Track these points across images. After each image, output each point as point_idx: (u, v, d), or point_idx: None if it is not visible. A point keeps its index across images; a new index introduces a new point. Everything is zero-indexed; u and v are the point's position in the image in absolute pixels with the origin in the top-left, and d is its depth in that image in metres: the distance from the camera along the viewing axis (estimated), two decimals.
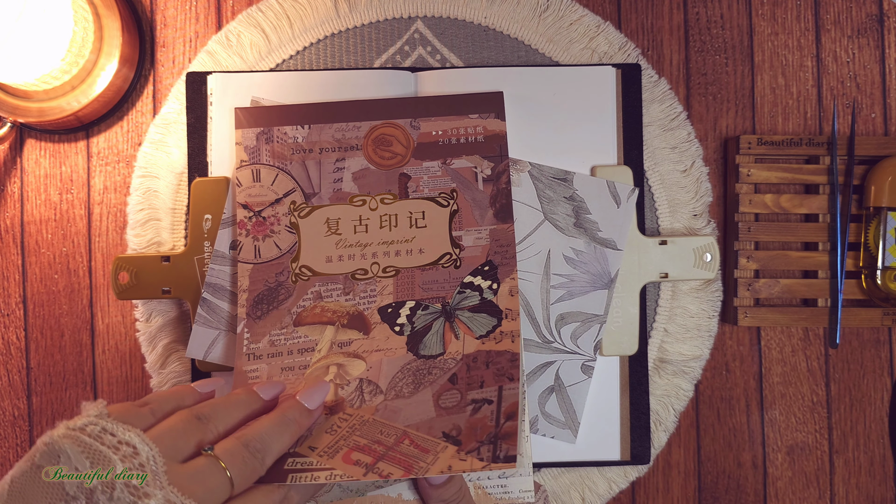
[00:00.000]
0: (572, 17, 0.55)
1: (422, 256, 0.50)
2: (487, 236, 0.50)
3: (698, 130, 0.56)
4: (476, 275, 0.49)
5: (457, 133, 0.51)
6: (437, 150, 0.51)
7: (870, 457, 0.56)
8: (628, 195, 0.52)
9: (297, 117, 0.51)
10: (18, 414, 0.54)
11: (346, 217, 0.50)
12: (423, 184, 0.50)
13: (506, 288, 0.49)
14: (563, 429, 0.52)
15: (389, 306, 0.49)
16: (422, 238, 0.50)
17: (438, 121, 0.51)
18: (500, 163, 0.51)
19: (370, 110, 0.51)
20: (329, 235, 0.50)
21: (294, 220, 0.50)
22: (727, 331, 0.56)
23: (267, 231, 0.50)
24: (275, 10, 0.54)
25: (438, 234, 0.50)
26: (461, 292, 0.49)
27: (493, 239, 0.50)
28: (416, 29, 0.55)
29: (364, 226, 0.50)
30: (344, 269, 0.50)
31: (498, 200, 0.50)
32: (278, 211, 0.50)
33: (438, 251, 0.50)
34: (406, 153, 0.51)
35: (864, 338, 0.56)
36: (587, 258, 0.52)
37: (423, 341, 0.48)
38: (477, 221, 0.50)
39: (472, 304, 0.49)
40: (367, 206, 0.50)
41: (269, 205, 0.50)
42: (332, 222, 0.51)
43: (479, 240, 0.50)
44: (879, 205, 0.53)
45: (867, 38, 0.56)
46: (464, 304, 0.49)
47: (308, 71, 0.53)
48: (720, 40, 0.56)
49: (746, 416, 0.55)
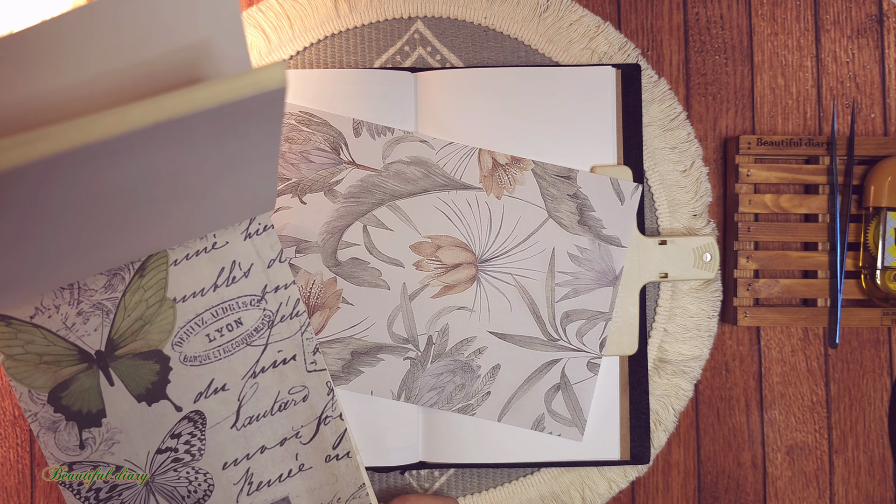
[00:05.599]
0: (572, 18, 0.55)
1: None
2: None
3: (698, 130, 0.56)
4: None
5: None
6: None
7: (869, 457, 0.56)
8: (632, 192, 0.52)
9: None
10: (19, 413, 0.54)
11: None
12: None
13: None
14: (570, 426, 0.52)
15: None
16: None
17: None
18: None
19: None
20: None
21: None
22: (727, 331, 0.56)
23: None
24: (275, 11, 0.54)
25: None
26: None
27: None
28: (416, 29, 0.55)
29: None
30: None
31: None
32: None
33: None
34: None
35: (864, 338, 0.56)
36: (591, 255, 0.52)
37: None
38: None
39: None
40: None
41: None
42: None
43: None
44: (879, 205, 0.53)
45: (867, 39, 0.56)
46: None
47: (308, 70, 0.53)
48: (720, 40, 0.56)
49: (746, 416, 0.56)
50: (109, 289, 0.47)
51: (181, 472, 0.48)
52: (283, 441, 0.48)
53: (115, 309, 0.47)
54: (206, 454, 0.48)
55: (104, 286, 0.47)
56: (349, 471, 0.49)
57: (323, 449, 0.49)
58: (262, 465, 0.49)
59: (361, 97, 0.52)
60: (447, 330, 0.52)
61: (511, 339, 0.52)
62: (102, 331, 0.47)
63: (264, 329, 0.48)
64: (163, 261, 0.47)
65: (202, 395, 0.48)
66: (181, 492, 0.48)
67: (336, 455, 0.49)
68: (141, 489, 0.48)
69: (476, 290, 0.52)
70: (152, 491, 0.48)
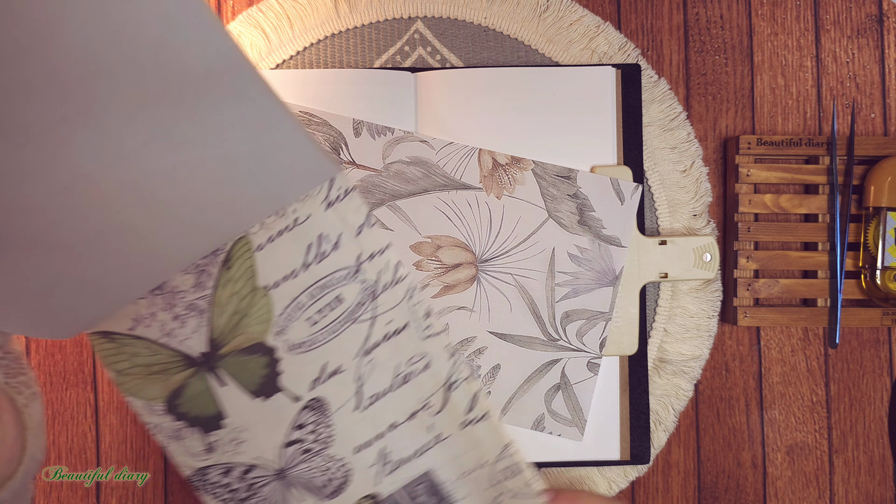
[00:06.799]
0: (572, 18, 0.55)
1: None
2: None
3: (698, 130, 0.56)
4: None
5: None
6: None
7: (869, 456, 0.56)
8: (632, 192, 0.52)
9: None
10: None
11: None
12: None
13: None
14: (570, 426, 0.52)
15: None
16: None
17: None
18: None
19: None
20: None
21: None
22: (727, 331, 0.56)
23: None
24: (275, 11, 0.54)
25: None
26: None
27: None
28: (416, 29, 0.55)
29: None
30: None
31: None
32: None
33: None
34: None
35: (864, 338, 0.56)
36: (591, 255, 0.52)
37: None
38: None
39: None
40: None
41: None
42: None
43: None
44: (879, 205, 0.53)
45: (867, 39, 0.56)
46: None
47: (308, 70, 0.53)
48: (720, 40, 0.56)
49: (746, 416, 0.56)
50: (199, 287, 0.44)
51: (313, 462, 0.46)
52: (412, 414, 0.45)
53: (209, 307, 0.44)
54: (335, 440, 0.45)
55: (193, 285, 0.44)
56: (490, 433, 0.45)
57: (457, 415, 0.45)
58: (395, 442, 0.45)
59: (361, 97, 0.52)
60: (447, 330, 0.52)
61: (511, 339, 0.52)
62: (202, 332, 0.44)
63: (367, 302, 0.44)
64: (246, 247, 0.44)
65: (318, 382, 0.45)
66: (317, 482, 0.46)
67: (472, 419, 0.45)
68: (277, 484, 0.47)
69: (476, 290, 0.52)
70: (289, 485, 0.46)
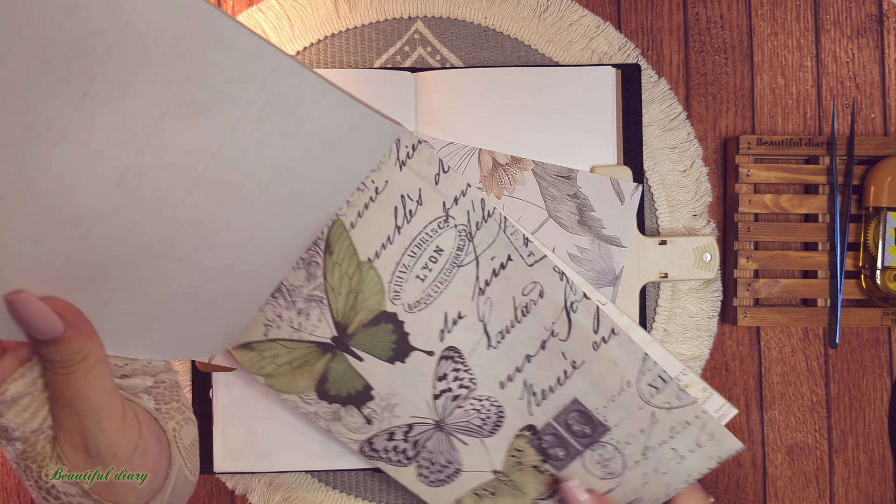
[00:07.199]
0: (572, 18, 0.55)
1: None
2: None
3: (698, 130, 0.56)
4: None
5: None
6: None
7: (869, 457, 0.56)
8: (632, 192, 0.52)
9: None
10: None
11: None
12: None
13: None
14: None
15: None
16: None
17: None
18: None
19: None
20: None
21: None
22: (727, 331, 0.56)
23: None
24: (275, 11, 0.54)
25: None
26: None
27: None
28: (416, 29, 0.55)
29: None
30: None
31: None
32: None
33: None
34: None
35: (864, 338, 0.56)
36: (592, 255, 0.52)
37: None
38: None
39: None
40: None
41: None
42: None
43: None
44: (879, 205, 0.53)
45: (867, 39, 0.56)
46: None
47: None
48: (720, 40, 0.56)
49: (746, 416, 0.56)
50: (311, 278, 0.46)
51: (465, 405, 0.48)
52: (543, 344, 0.46)
53: (324, 294, 0.46)
54: (478, 381, 0.47)
55: (306, 278, 0.46)
56: (624, 348, 0.45)
57: (585, 338, 0.45)
58: (534, 373, 0.46)
59: (361, 97, 0.52)
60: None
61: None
62: (326, 318, 0.47)
63: (466, 244, 0.45)
64: (341, 229, 0.45)
65: (445, 332, 0.46)
66: (475, 423, 0.48)
67: (602, 339, 0.45)
68: (439, 435, 0.48)
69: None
70: (450, 433, 0.48)
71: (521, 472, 0.48)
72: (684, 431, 0.45)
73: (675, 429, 0.45)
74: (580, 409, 0.46)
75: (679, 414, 0.44)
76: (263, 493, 0.54)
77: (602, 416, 0.46)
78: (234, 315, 0.45)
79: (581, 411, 0.46)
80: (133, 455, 0.35)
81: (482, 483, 0.49)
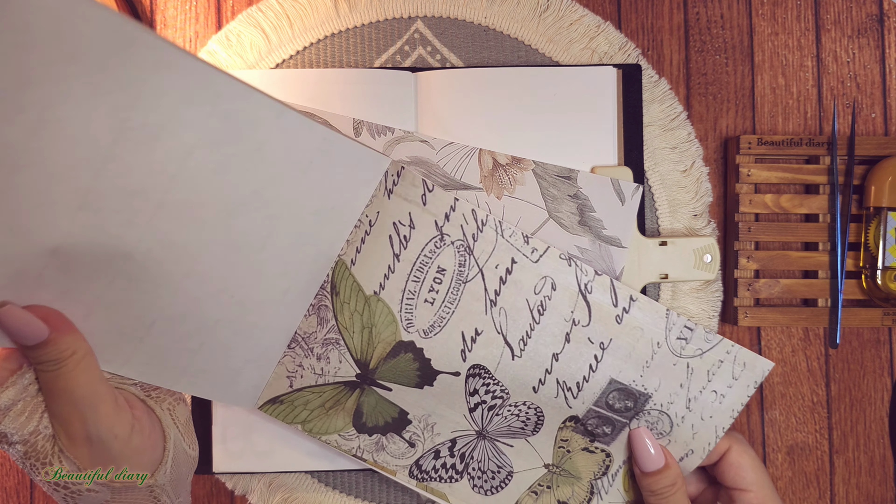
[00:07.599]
0: (572, 17, 0.55)
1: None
2: None
3: (698, 130, 0.56)
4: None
5: None
6: None
7: (870, 457, 0.56)
8: (632, 193, 0.52)
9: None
10: None
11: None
12: None
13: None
14: None
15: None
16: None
17: None
18: None
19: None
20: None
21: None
22: (727, 331, 0.56)
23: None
24: (275, 10, 0.54)
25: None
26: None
27: None
28: (416, 29, 0.55)
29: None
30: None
31: None
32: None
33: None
34: None
35: (864, 338, 0.56)
36: (592, 256, 0.52)
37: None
38: None
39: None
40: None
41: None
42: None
43: None
44: (879, 205, 0.53)
45: (867, 38, 0.56)
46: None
47: (308, 69, 0.53)
48: (720, 40, 0.56)
49: (746, 416, 0.55)
50: (323, 322, 0.47)
51: (503, 412, 0.48)
52: (567, 337, 0.46)
53: (339, 335, 0.47)
54: (511, 391, 0.47)
55: (318, 324, 0.47)
56: (646, 311, 0.46)
57: (607, 314, 0.46)
58: (565, 369, 0.46)
59: (361, 97, 0.52)
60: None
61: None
62: (346, 358, 0.47)
63: (467, 259, 0.46)
64: (343, 268, 0.46)
65: (466, 352, 0.46)
66: (516, 426, 0.48)
67: (623, 309, 0.46)
68: (483, 443, 0.49)
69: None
70: (494, 440, 0.49)
71: (571, 458, 0.48)
72: (719, 371, 0.45)
73: (710, 371, 0.46)
74: (618, 388, 0.46)
75: (711, 356, 0.45)
76: (263, 493, 0.54)
77: (641, 387, 0.46)
78: (248, 365, 0.45)
79: (620, 389, 0.46)
80: (132, 433, 0.37)
81: (537, 480, 0.49)
